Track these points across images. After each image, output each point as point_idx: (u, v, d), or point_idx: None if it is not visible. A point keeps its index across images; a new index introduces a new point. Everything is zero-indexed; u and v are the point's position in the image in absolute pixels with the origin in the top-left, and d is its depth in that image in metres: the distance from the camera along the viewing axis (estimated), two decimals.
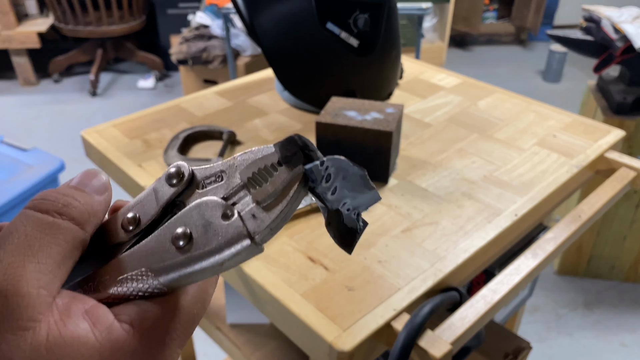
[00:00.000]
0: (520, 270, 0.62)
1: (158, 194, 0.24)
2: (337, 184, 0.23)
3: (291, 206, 0.22)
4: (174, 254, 0.22)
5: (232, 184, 0.23)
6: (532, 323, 1.64)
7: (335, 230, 0.24)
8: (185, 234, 0.22)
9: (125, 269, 0.22)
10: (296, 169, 0.22)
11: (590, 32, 1.48)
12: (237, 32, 2.43)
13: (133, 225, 0.24)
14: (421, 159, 0.81)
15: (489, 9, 3.70)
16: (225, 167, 0.23)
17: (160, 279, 0.22)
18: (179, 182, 0.24)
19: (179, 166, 0.24)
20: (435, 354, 0.51)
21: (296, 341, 0.58)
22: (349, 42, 0.86)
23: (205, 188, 0.23)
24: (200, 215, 0.22)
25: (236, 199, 0.22)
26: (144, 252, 0.22)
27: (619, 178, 0.79)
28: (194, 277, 0.22)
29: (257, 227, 0.22)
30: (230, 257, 0.21)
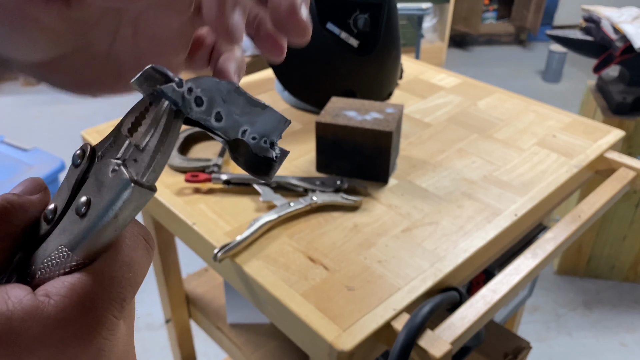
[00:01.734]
0: (520, 270, 0.62)
1: (69, 179, 0.24)
2: (218, 109, 0.23)
3: (166, 137, 0.22)
4: (78, 222, 0.22)
5: (121, 144, 0.23)
6: (532, 323, 1.64)
7: (245, 162, 0.24)
8: (85, 201, 0.22)
9: (46, 253, 0.23)
10: (162, 104, 0.22)
11: (590, 33, 1.49)
12: None
13: (52, 215, 0.24)
14: (421, 159, 0.81)
15: (489, 9, 3.70)
16: (115, 132, 0.24)
17: (74, 252, 0.22)
18: (82, 161, 0.24)
19: (81, 147, 0.24)
20: (435, 353, 0.51)
21: (296, 341, 0.58)
22: (349, 42, 0.86)
23: (103, 158, 0.24)
24: (96, 180, 0.23)
25: (127, 154, 0.23)
26: (57, 233, 0.23)
27: (619, 178, 0.79)
28: (99, 237, 0.22)
29: (139, 169, 0.22)
30: (120, 206, 0.22)
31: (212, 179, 0.72)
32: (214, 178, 0.72)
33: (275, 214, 0.66)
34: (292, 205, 0.68)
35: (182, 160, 0.78)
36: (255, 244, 0.64)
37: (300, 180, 0.72)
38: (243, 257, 0.62)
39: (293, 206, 0.68)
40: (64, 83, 0.26)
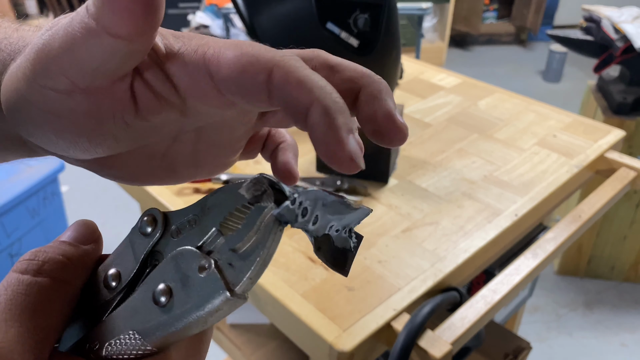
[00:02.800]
0: (520, 270, 0.62)
1: (134, 245, 0.23)
2: (317, 213, 0.22)
3: (269, 250, 0.21)
4: (157, 312, 0.21)
5: (205, 229, 0.22)
6: (532, 323, 1.64)
7: (326, 255, 0.22)
8: (165, 290, 0.21)
9: (113, 332, 0.22)
10: (266, 212, 0.21)
11: (591, 32, 1.48)
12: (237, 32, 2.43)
13: (115, 282, 0.23)
14: (421, 159, 0.81)
15: (489, 9, 3.70)
16: (197, 211, 0.22)
17: (147, 340, 0.21)
18: (153, 231, 0.23)
19: (151, 213, 0.23)
20: (435, 354, 0.51)
21: (296, 341, 0.58)
22: (349, 42, 0.86)
23: (180, 235, 0.22)
24: (177, 268, 0.21)
25: (211, 246, 0.21)
26: (128, 313, 0.22)
27: (619, 178, 0.79)
28: (180, 335, 0.21)
29: (236, 278, 0.20)
30: (211, 313, 0.20)
31: (212, 179, 0.72)
32: (214, 178, 0.72)
33: None
34: None
35: None
36: None
37: (300, 181, 0.72)
38: None
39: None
40: (113, 175, 0.25)
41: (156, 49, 0.21)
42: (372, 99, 0.23)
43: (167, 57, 0.21)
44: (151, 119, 0.22)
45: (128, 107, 0.21)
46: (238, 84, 0.20)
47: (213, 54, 0.20)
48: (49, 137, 0.22)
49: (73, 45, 0.19)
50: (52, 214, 1.58)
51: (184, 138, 0.25)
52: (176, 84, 0.21)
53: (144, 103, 0.21)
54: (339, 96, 0.20)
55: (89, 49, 0.19)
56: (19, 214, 1.45)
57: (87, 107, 0.21)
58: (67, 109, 0.20)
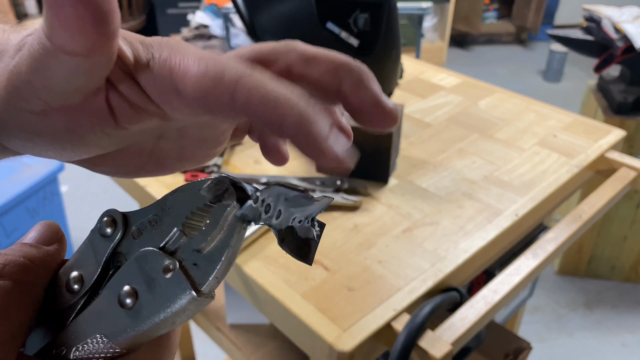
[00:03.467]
0: (520, 270, 0.62)
1: (95, 248, 0.23)
2: (279, 208, 0.22)
3: (233, 249, 0.21)
4: (123, 315, 0.21)
5: (166, 229, 0.22)
6: (533, 323, 1.63)
7: (290, 246, 0.23)
8: (130, 292, 0.21)
9: (79, 336, 0.22)
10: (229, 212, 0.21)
11: (591, 32, 1.48)
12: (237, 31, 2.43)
13: (77, 286, 0.22)
14: (421, 159, 0.81)
15: (489, 8, 3.70)
16: (157, 210, 0.22)
17: (115, 342, 0.21)
18: (113, 233, 0.22)
19: (110, 214, 0.23)
20: (436, 354, 0.51)
21: (296, 341, 0.58)
22: (349, 42, 0.86)
23: (141, 235, 0.22)
24: (141, 269, 0.21)
25: (174, 246, 0.21)
26: (93, 317, 0.22)
27: (620, 178, 0.79)
28: (147, 335, 0.21)
29: (202, 278, 0.21)
30: (178, 313, 0.20)
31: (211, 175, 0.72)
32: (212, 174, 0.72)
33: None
34: None
35: None
36: (255, 244, 0.64)
37: (300, 181, 0.72)
38: (243, 257, 0.62)
39: None
40: (103, 171, 0.25)
41: (124, 58, 0.20)
42: (356, 89, 0.23)
43: (136, 68, 0.21)
44: (131, 128, 0.22)
45: (106, 119, 0.21)
46: (203, 103, 0.20)
47: (179, 70, 0.20)
48: (31, 149, 0.22)
49: (37, 67, 0.19)
50: (52, 214, 1.58)
51: (168, 136, 0.25)
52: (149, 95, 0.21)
53: (121, 114, 0.21)
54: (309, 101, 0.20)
55: (51, 69, 0.18)
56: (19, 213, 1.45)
57: (66, 125, 0.21)
58: (45, 127, 0.20)
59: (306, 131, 0.19)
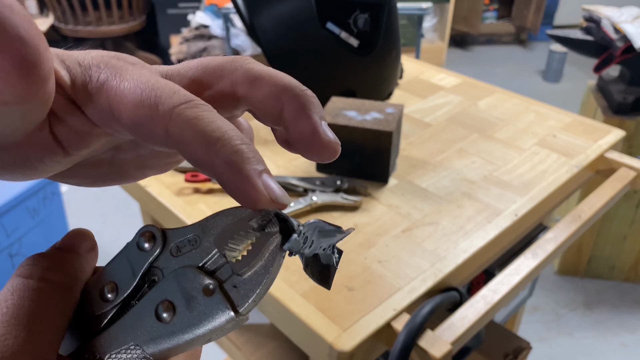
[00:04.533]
0: (520, 270, 0.62)
1: (131, 260, 0.23)
2: (313, 239, 0.23)
3: (272, 275, 0.22)
4: (159, 327, 0.22)
5: (207, 250, 0.23)
6: (532, 323, 1.64)
7: (312, 271, 0.24)
8: (168, 307, 0.22)
9: (114, 344, 0.22)
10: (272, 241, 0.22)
11: (591, 32, 1.48)
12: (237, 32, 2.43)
13: (111, 294, 0.23)
14: (421, 159, 0.81)
15: (489, 9, 3.70)
16: (198, 231, 0.23)
17: (149, 352, 0.22)
18: (151, 248, 0.23)
19: (149, 230, 0.23)
20: (435, 354, 0.51)
21: (296, 341, 0.58)
22: (349, 42, 0.86)
23: (180, 253, 0.23)
24: (180, 286, 0.22)
25: (214, 266, 0.22)
26: (129, 326, 0.22)
27: (619, 178, 0.79)
28: (181, 349, 0.22)
29: (241, 300, 0.22)
30: (215, 331, 0.21)
31: (212, 179, 0.72)
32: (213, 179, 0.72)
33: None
34: (292, 206, 0.68)
35: None
36: None
37: (300, 180, 0.72)
38: None
39: (293, 206, 0.68)
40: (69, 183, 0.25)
41: (62, 84, 0.20)
42: (296, 117, 0.23)
43: (75, 93, 0.20)
44: (81, 153, 0.22)
45: (54, 150, 0.21)
46: (139, 132, 0.20)
47: (115, 96, 0.20)
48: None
49: None
50: (52, 214, 1.58)
51: (124, 147, 0.25)
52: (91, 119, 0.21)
53: (68, 143, 0.21)
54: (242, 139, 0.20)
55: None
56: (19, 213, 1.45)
57: (14, 160, 0.21)
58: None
59: (237, 171, 0.19)
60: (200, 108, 0.20)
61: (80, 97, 0.20)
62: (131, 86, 0.20)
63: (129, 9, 2.96)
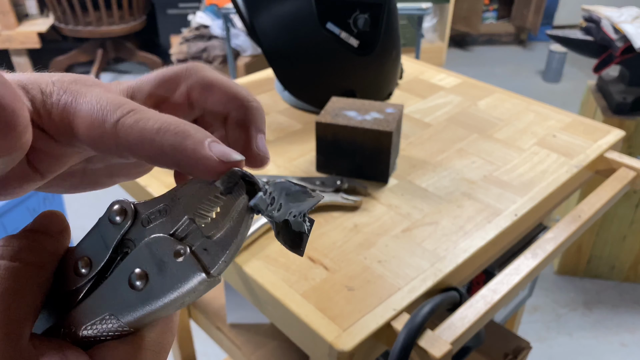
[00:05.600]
0: (520, 270, 0.62)
1: (104, 234, 0.24)
2: (281, 201, 0.23)
3: (242, 236, 0.22)
4: (134, 296, 0.22)
5: (176, 217, 0.23)
6: (532, 323, 1.64)
7: (285, 238, 0.24)
8: (140, 275, 0.22)
9: (89, 316, 0.23)
10: (240, 202, 0.22)
11: (590, 32, 1.49)
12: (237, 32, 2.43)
13: (86, 269, 0.24)
14: (421, 159, 0.81)
15: (489, 9, 3.70)
16: (167, 201, 0.23)
17: (124, 321, 0.22)
18: (123, 221, 0.24)
19: (120, 203, 0.24)
20: (435, 353, 0.51)
21: (296, 341, 0.58)
22: (349, 42, 0.86)
23: (150, 224, 0.23)
24: (152, 254, 0.22)
25: (184, 233, 0.23)
26: (104, 297, 0.23)
27: (619, 178, 0.79)
28: (155, 315, 0.22)
29: (212, 262, 0.22)
30: (188, 293, 0.22)
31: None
32: None
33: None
34: None
35: None
36: (255, 244, 0.64)
37: (300, 180, 0.72)
38: (243, 257, 0.62)
39: None
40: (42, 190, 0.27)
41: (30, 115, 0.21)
42: (235, 126, 0.25)
43: (42, 120, 0.22)
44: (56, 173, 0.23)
45: (32, 176, 0.23)
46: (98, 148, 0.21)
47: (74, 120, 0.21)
48: None
49: None
50: None
51: (94, 159, 0.26)
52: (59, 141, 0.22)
53: (44, 167, 0.23)
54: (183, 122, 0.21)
55: None
56: (20, 213, 1.46)
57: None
58: None
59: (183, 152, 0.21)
60: (140, 114, 0.21)
61: (46, 124, 0.22)
62: (85, 108, 0.21)
63: (129, 9, 2.96)
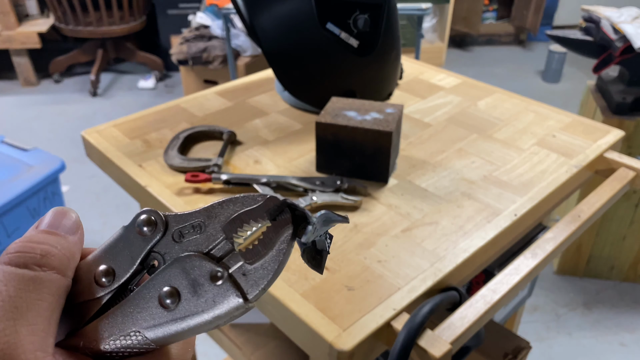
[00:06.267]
0: (519, 270, 0.63)
1: (129, 244, 0.23)
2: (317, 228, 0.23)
3: (283, 265, 0.22)
4: (163, 314, 0.21)
5: (213, 236, 0.22)
6: (532, 323, 1.64)
7: (309, 257, 0.24)
8: (172, 293, 0.21)
9: (113, 330, 0.22)
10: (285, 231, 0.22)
11: (590, 33, 1.49)
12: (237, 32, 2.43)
13: (107, 279, 0.23)
14: (421, 159, 0.81)
15: (489, 9, 3.70)
16: (203, 217, 0.22)
17: (151, 338, 0.22)
18: (152, 232, 0.22)
19: (150, 213, 0.23)
20: (435, 353, 0.51)
21: (296, 341, 0.58)
22: (348, 42, 0.86)
23: (183, 238, 0.22)
24: (185, 272, 0.22)
25: (220, 253, 0.22)
26: (130, 312, 0.22)
27: (619, 178, 0.79)
28: (185, 335, 0.22)
29: (251, 288, 0.21)
30: (222, 317, 0.21)
31: (212, 179, 0.73)
32: (214, 178, 0.73)
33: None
34: None
35: (182, 160, 0.78)
36: None
37: (300, 180, 0.72)
38: None
39: None
40: None
41: None
42: None
43: None
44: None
45: None
46: None
47: None
48: None
49: None
50: None
51: None
52: None
53: None
54: None
55: None
56: (20, 214, 1.46)
57: None
58: None
59: None
60: None
61: None
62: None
63: (129, 10, 2.97)
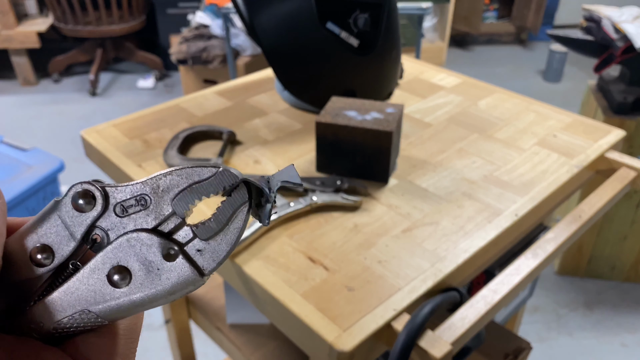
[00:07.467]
0: (520, 270, 0.62)
1: (67, 221, 0.21)
2: None
3: (238, 241, 0.21)
4: (113, 292, 0.21)
5: (160, 211, 0.21)
6: (533, 323, 1.63)
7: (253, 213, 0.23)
8: (122, 270, 0.21)
9: (61, 310, 0.21)
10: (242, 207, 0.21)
11: (591, 32, 1.48)
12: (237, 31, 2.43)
13: (44, 257, 0.21)
14: (421, 159, 0.81)
15: (489, 8, 3.69)
16: (148, 190, 0.21)
17: (102, 316, 0.21)
18: (89, 207, 0.21)
19: (86, 188, 0.21)
20: (436, 354, 0.51)
21: (296, 341, 0.58)
22: (349, 42, 0.86)
23: (126, 213, 0.21)
24: (135, 250, 0.21)
25: (171, 227, 0.21)
26: (78, 291, 0.21)
27: (620, 178, 0.79)
28: (137, 310, 0.21)
29: (207, 264, 0.21)
30: (176, 294, 0.21)
31: None
32: None
33: (275, 214, 0.66)
34: (292, 206, 0.68)
35: (181, 160, 0.78)
36: (255, 244, 0.64)
37: None
38: (243, 257, 0.62)
39: (293, 206, 0.68)
40: None
41: None
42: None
43: None
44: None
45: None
46: None
47: None
48: None
49: None
50: None
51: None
52: None
53: None
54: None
55: None
56: (19, 214, 1.45)
57: None
58: None
59: None
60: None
61: None
62: None
63: (128, 9, 2.96)
